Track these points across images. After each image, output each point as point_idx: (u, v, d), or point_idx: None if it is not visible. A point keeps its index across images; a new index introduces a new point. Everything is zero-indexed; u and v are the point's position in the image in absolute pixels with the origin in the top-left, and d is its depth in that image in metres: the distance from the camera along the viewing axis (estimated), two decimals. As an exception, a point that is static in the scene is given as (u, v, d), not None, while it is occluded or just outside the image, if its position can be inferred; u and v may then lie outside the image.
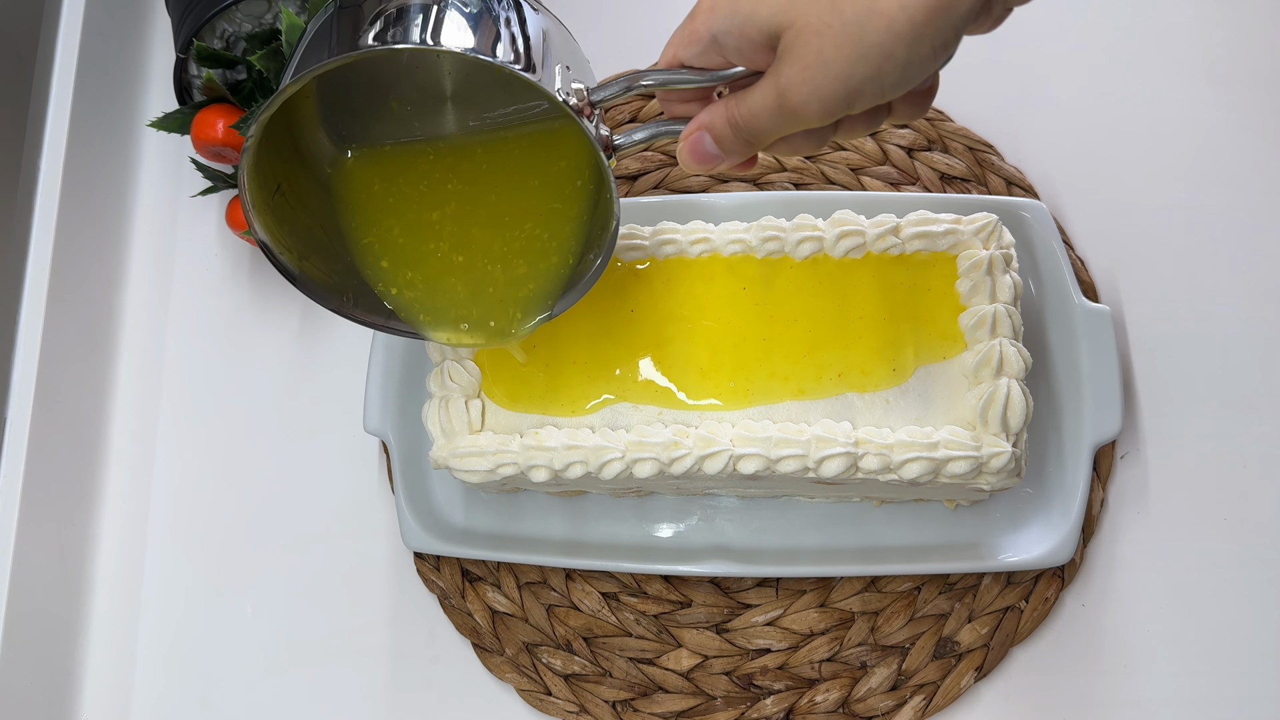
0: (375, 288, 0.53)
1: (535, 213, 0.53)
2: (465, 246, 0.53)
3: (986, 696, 0.60)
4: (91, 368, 0.70)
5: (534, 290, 0.53)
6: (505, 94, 0.52)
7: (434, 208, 0.53)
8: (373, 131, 0.53)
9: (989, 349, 0.53)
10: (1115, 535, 0.61)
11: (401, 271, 0.53)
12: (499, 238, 0.53)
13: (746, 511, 0.62)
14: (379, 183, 0.53)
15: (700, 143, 0.44)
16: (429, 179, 0.53)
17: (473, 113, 0.53)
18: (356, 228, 0.53)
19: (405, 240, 0.53)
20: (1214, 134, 0.67)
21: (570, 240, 0.52)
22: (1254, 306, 0.64)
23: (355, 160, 0.53)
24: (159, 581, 0.67)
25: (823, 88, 0.38)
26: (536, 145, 0.52)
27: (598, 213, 0.51)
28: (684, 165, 0.45)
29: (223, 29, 0.68)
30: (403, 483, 0.63)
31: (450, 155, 0.53)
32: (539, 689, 0.62)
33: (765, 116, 0.41)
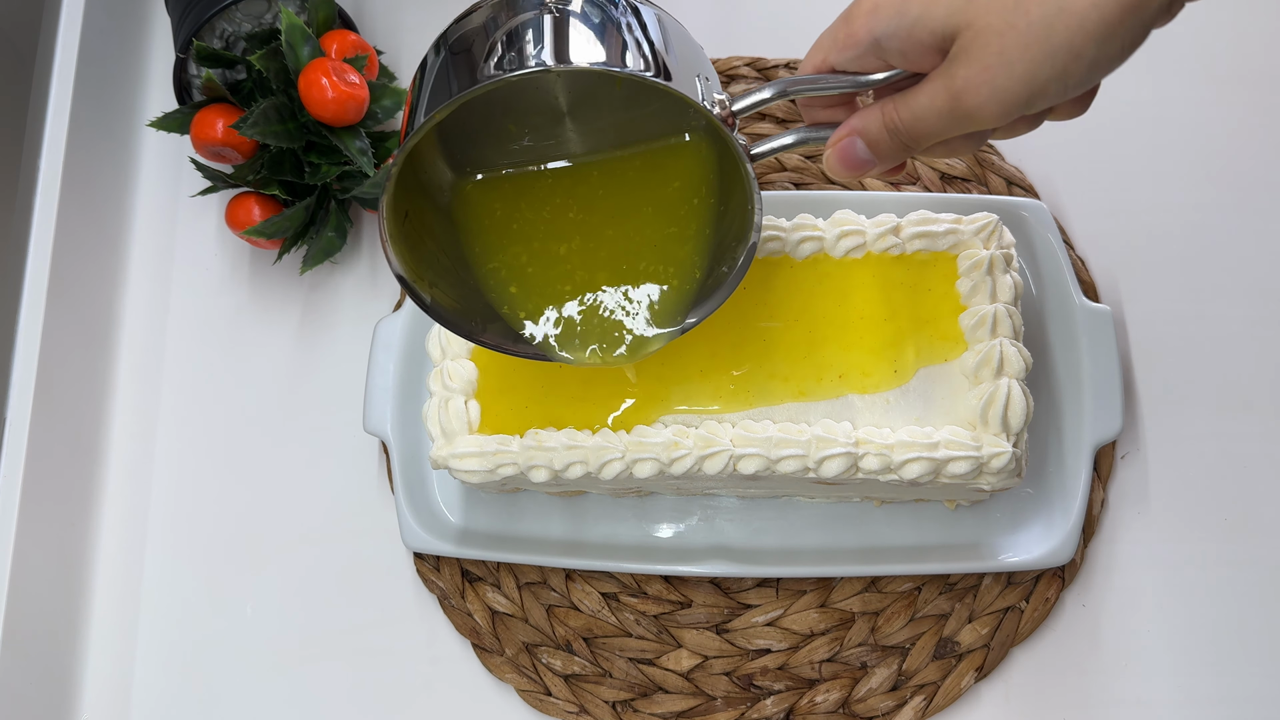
0: (500, 310, 0.52)
1: (655, 231, 0.52)
2: (588, 267, 0.52)
3: (987, 697, 0.60)
4: (91, 368, 0.70)
5: (660, 310, 0.52)
6: (626, 109, 0.51)
7: (554, 230, 0.52)
8: (489, 155, 0.52)
9: (989, 349, 0.53)
10: (1115, 535, 0.61)
11: (528, 295, 0.52)
12: (620, 259, 0.52)
13: (746, 511, 0.62)
14: (499, 207, 0.52)
15: (851, 148, 0.43)
16: (548, 202, 0.52)
17: (589, 131, 0.52)
18: (480, 253, 0.52)
19: (529, 264, 0.52)
20: (1214, 134, 0.67)
21: (693, 256, 0.51)
22: (1254, 306, 0.64)
23: (474, 186, 0.52)
24: (159, 581, 0.67)
25: (1003, 89, 0.38)
26: (652, 162, 0.51)
27: (727, 223, 0.50)
28: (831, 172, 0.44)
29: (222, 29, 0.68)
30: (403, 483, 0.63)
31: (567, 177, 0.52)
32: (539, 689, 0.62)
33: (933, 119, 0.40)
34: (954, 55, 0.39)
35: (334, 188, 0.68)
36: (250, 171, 0.66)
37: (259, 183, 0.66)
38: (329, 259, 0.70)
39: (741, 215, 0.48)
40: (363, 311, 0.70)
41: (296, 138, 0.65)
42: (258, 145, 0.66)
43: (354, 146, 0.64)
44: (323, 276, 0.72)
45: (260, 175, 0.66)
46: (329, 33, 0.68)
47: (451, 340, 0.57)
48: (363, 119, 0.66)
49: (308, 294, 0.72)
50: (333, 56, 0.66)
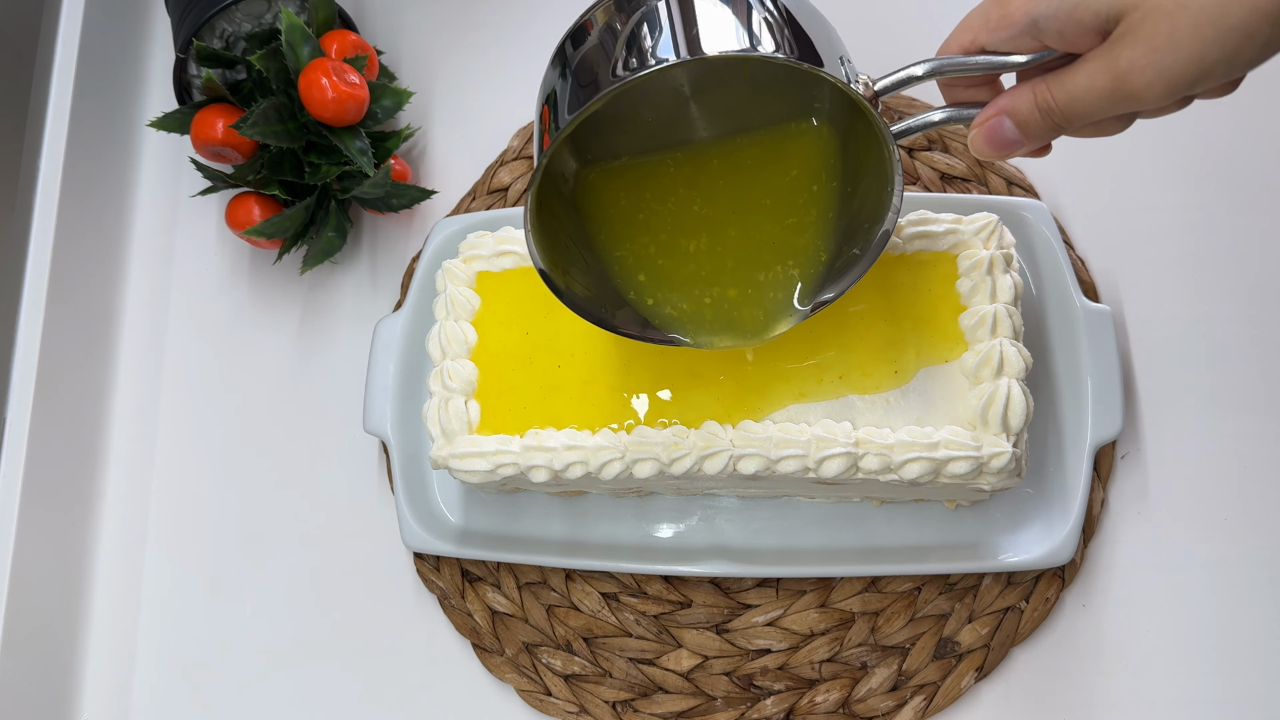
0: (627, 296, 0.52)
1: (777, 216, 0.51)
2: (713, 254, 0.52)
3: (987, 697, 0.60)
4: (91, 368, 0.70)
5: (785, 293, 0.52)
6: (750, 93, 0.50)
7: (678, 218, 0.52)
8: (612, 143, 0.51)
9: (989, 349, 0.53)
10: (1115, 535, 0.61)
11: (655, 282, 0.52)
12: (744, 245, 0.52)
13: (746, 511, 0.62)
14: (624, 196, 0.52)
15: (1000, 128, 0.43)
16: (671, 190, 0.52)
17: (712, 116, 0.51)
18: (606, 241, 0.52)
19: (655, 252, 0.52)
20: (1214, 134, 0.67)
21: (816, 241, 0.51)
22: (1254, 306, 0.64)
23: (598, 174, 0.52)
24: (159, 581, 0.67)
25: (1170, 70, 0.37)
26: (772, 147, 0.51)
27: (855, 205, 0.50)
28: (977, 151, 0.44)
29: (223, 29, 0.68)
30: (403, 483, 0.63)
31: (688, 164, 0.52)
32: (539, 689, 0.62)
33: (1091, 100, 0.40)
34: (1118, 36, 0.38)
35: (334, 188, 0.68)
36: (250, 171, 0.66)
37: (259, 183, 0.66)
38: (329, 259, 0.70)
39: (875, 196, 0.47)
40: (363, 311, 0.70)
41: (296, 138, 0.65)
42: (258, 145, 0.66)
43: (354, 146, 0.64)
44: (323, 276, 0.72)
45: (260, 175, 0.66)
46: (329, 33, 0.68)
47: (452, 340, 0.57)
48: (363, 119, 0.66)
49: (308, 294, 0.72)
50: (333, 56, 0.66)
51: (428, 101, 0.74)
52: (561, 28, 0.45)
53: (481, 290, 0.58)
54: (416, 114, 0.74)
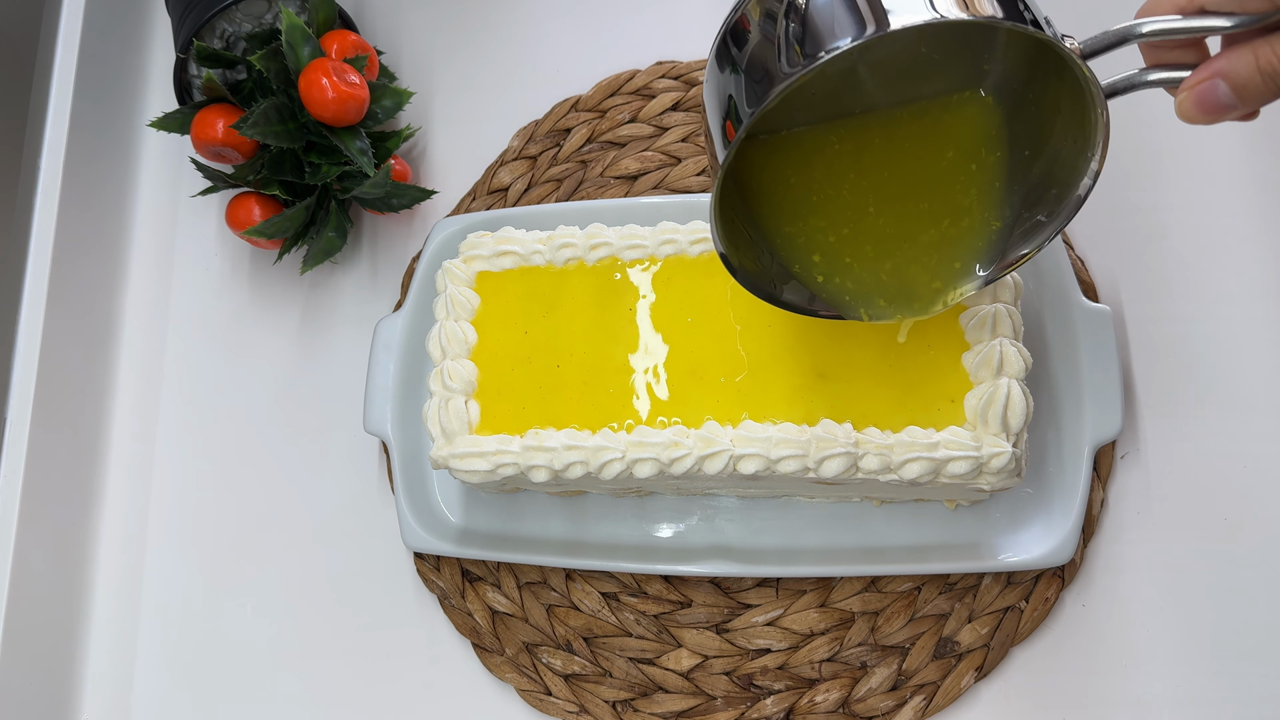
0: (792, 270, 0.52)
1: (944, 187, 0.51)
2: (881, 227, 0.51)
3: (986, 696, 0.60)
4: (91, 368, 0.70)
5: (959, 266, 0.51)
6: (924, 62, 0.49)
7: (844, 195, 0.51)
8: (776, 117, 0.50)
9: (989, 349, 0.53)
10: (1115, 535, 0.61)
11: (828, 261, 0.52)
12: (913, 219, 0.51)
13: (746, 511, 0.62)
14: (793, 174, 0.51)
15: (1213, 91, 0.41)
16: (835, 164, 0.51)
17: (878, 86, 0.50)
18: (774, 218, 0.51)
19: (821, 227, 0.51)
20: (1214, 134, 0.67)
21: (987, 211, 0.50)
22: (1254, 306, 0.64)
23: (761, 148, 0.51)
24: (159, 581, 0.67)
25: None
26: (935, 119, 0.50)
27: (1035, 173, 0.49)
28: (1186, 116, 0.42)
29: (223, 29, 0.68)
30: (403, 483, 0.63)
31: (851, 139, 0.51)
32: (539, 689, 0.62)
33: None
34: None
35: (334, 188, 0.68)
36: (250, 171, 0.66)
37: (259, 183, 0.66)
38: (329, 259, 0.70)
39: (1065, 162, 0.46)
40: (363, 311, 0.70)
41: (297, 138, 0.65)
42: (258, 145, 0.66)
43: (354, 147, 0.64)
44: (323, 276, 0.72)
45: (260, 175, 0.66)
46: (329, 33, 0.68)
47: (452, 340, 0.57)
48: (363, 119, 0.66)
49: (308, 294, 0.72)
50: (333, 57, 0.66)
51: (428, 101, 0.74)
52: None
53: (481, 290, 0.59)
54: (416, 114, 0.74)
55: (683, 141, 0.70)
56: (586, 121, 0.71)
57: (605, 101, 0.72)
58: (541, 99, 0.73)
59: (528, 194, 0.70)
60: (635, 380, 0.56)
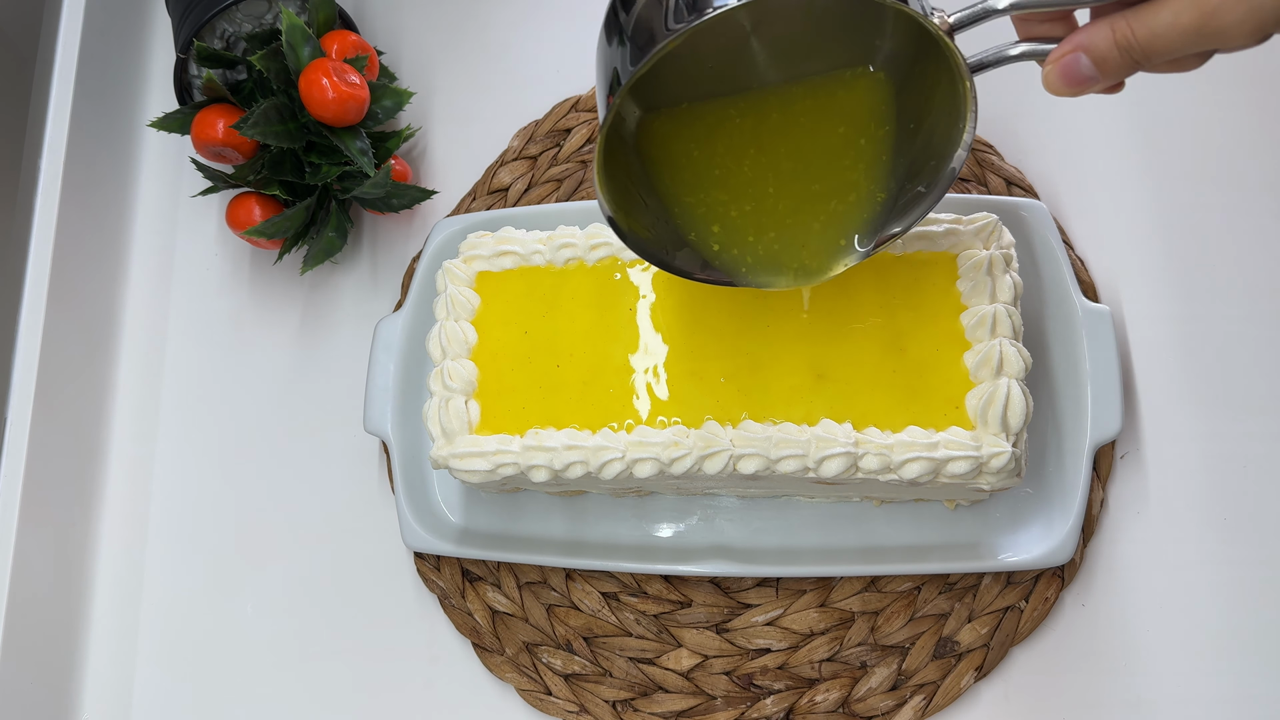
0: (688, 238, 0.52)
1: (835, 161, 0.52)
2: (777, 199, 0.52)
3: (986, 696, 0.60)
4: (91, 368, 0.70)
5: (848, 237, 0.52)
6: (813, 34, 0.50)
7: (745, 167, 0.52)
8: (676, 89, 0.51)
9: (989, 349, 0.53)
10: (1115, 535, 0.61)
11: (727, 230, 0.52)
12: (808, 192, 0.52)
13: (746, 511, 0.62)
14: (686, 143, 0.52)
15: (1075, 64, 0.42)
16: (733, 137, 0.52)
17: (771, 60, 0.51)
18: (674, 187, 0.52)
19: (719, 197, 0.52)
20: (1214, 134, 0.67)
21: (873, 183, 0.51)
22: (1254, 306, 0.64)
23: (664, 120, 0.52)
24: (159, 581, 0.67)
25: (1260, 7, 0.36)
26: (829, 95, 0.51)
27: (917, 145, 0.50)
28: (1051, 89, 0.43)
29: (223, 29, 0.68)
30: (403, 483, 0.63)
31: (751, 112, 0.52)
32: (539, 689, 0.62)
33: (1174, 37, 0.39)
34: None
35: (334, 188, 0.68)
36: (251, 172, 0.66)
37: (259, 183, 0.66)
38: (329, 259, 0.70)
39: (942, 134, 0.47)
40: (363, 311, 0.70)
41: (297, 138, 0.65)
42: (258, 145, 0.66)
43: (354, 147, 0.64)
44: (323, 276, 0.72)
45: (261, 175, 0.66)
46: (329, 33, 0.68)
47: (452, 340, 0.57)
48: (363, 119, 0.66)
49: (308, 294, 0.72)
50: (333, 57, 0.66)
51: (428, 101, 0.74)
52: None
53: (481, 290, 0.59)
54: (416, 114, 0.74)
55: (683, 141, 0.70)
56: (586, 121, 0.71)
57: (605, 101, 0.72)
58: (541, 99, 0.73)
59: (528, 194, 0.70)
60: (635, 380, 0.56)
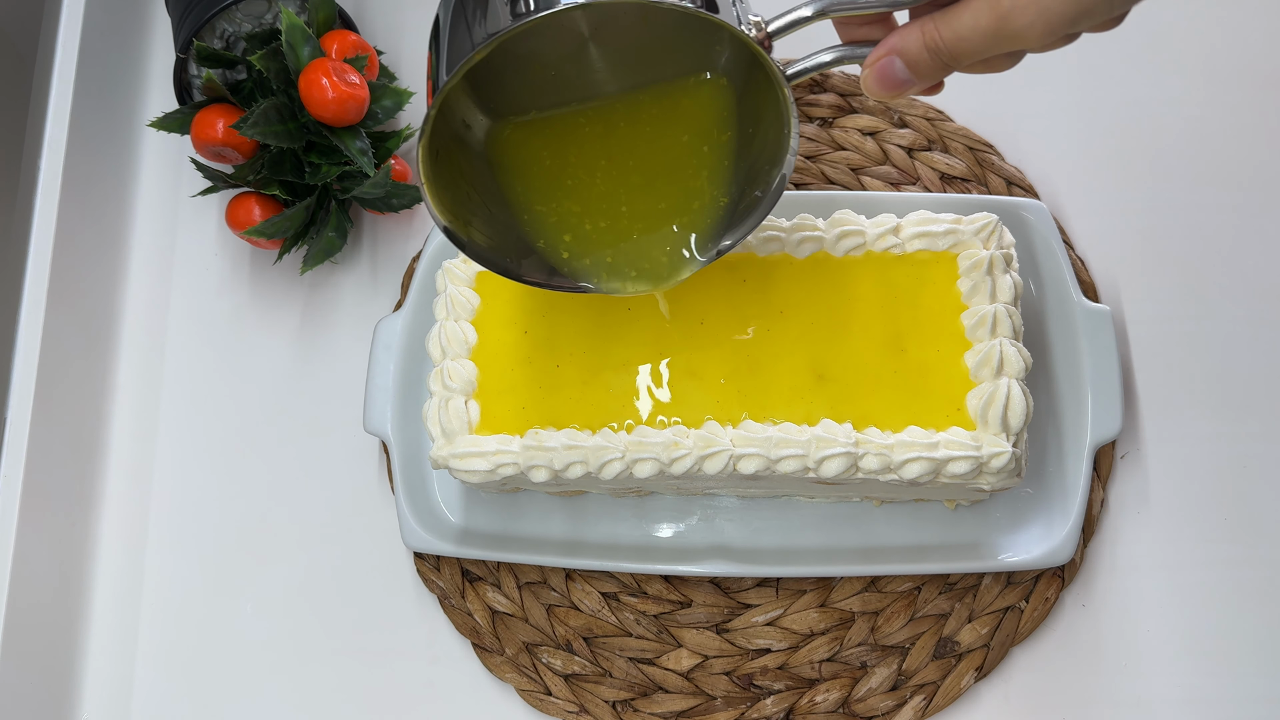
0: (536, 245, 0.53)
1: (681, 167, 0.52)
2: (622, 204, 0.53)
3: (986, 696, 0.60)
4: (91, 368, 0.70)
5: (695, 242, 0.52)
6: (650, 43, 0.50)
7: (588, 173, 0.52)
8: (518, 96, 0.52)
9: (989, 349, 0.53)
10: (1115, 535, 0.61)
11: (579, 239, 0.53)
12: (650, 196, 0.52)
13: (746, 511, 0.62)
14: (534, 151, 0.52)
15: (890, 68, 0.42)
16: (579, 146, 0.52)
17: (614, 68, 0.51)
18: (520, 193, 0.52)
19: (567, 204, 0.53)
20: (1214, 134, 0.67)
21: (717, 189, 0.52)
22: (1254, 306, 0.64)
23: (508, 129, 0.52)
24: (159, 581, 0.67)
25: (1051, 10, 0.38)
26: (674, 101, 0.51)
27: (754, 150, 0.50)
28: (870, 92, 0.44)
29: (223, 29, 0.68)
30: (403, 483, 0.63)
31: (599, 120, 0.52)
32: (539, 689, 0.62)
33: (976, 39, 0.40)
34: None
35: (334, 188, 0.68)
36: (250, 171, 0.66)
37: (259, 183, 0.66)
38: (329, 259, 0.70)
39: (774, 140, 0.48)
40: (363, 311, 0.70)
41: (297, 138, 0.65)
42: (258, 145, 0.66)
43: (354, 146, 0.64)
44: (323, 276, 0.72)
45: (260, 175, 0.66)
46: (329, 33, 0.68)
47: (452, 340, 0.57)
48: (363, 119, 0.66)
49: (308, 294, 0.72)
50: (333, 57, 0.66)
51: (428, 101, 0.74)
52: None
53: (481, 290, 0.59)
54: (417, 114, 0.74)
55: (683, 141, 0.70)
56: (586, 121, 0.71)
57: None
58: (541, 99, 0.73)
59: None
60: (635, 380, 0.56)
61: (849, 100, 0.70)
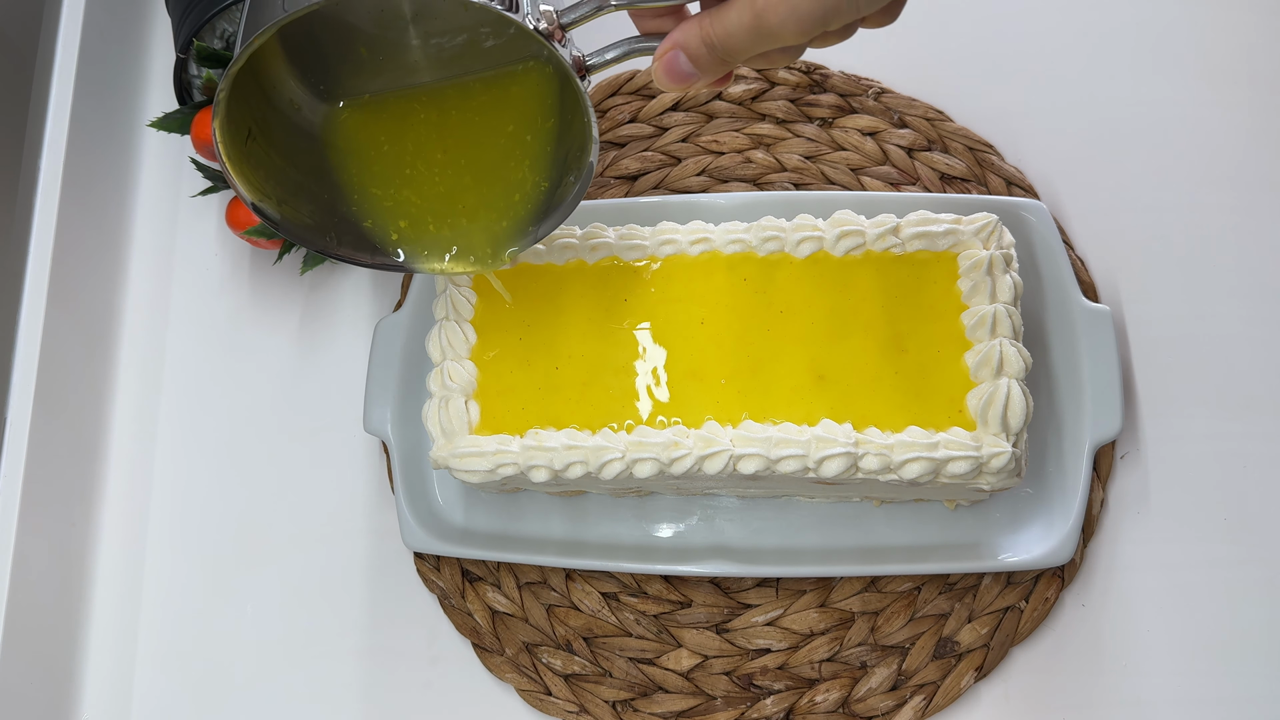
0: (363, 225, 0.54)
1: (506, 151, 0.53)
2: (455, 191, 0.54)
3: (986, 696, 0.60)
4: (91, 368, 0.70)
5: (511, 222, 0.54)
6: (471, 30, 0.52)
7: (417, 156, 0.53)
8: (350, 81, 0.53)
9: (989, 349, 0.53)
10: (1115, 535, 0.61)
11: (413, 223, 0.54)
12: (477, 179, 0.54)
13: (746, 511, 0.62)
14: (367, 133, 0.53)
15: (675, 61, 0.44)
16: (411, 129, 0.53)
17: (440, 53, 0.52)
18: (360, 178, 0.54)
19: (397, 185, 0.54)
20: (1214, 134, 0.67)
21: (538, 173, 0.53)
22: (1254, 306, 0.64)
23: (345, 111, 0.53)
24: (159, 581, 0.67)
25: (800, 8, 0.39)
26: (501, 86, 0.52)
27: (571, 137, 0.51)
28: (660, 84, 0.45)
29: (223, 29, 0.68)
30: (403, 483, 0.63)
31: (433, 106, 0.53)
32: (539, 689, 0.62)
33: (742, 36, 0.41)
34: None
35: (334, 188, 0.68)
36: (250, 171, 0.66)
37: (259, 183, 0.66)
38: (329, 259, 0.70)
39: (582, 128, 0.49)
40: (363, 311, 0.70)
41: (296, 138, 0.65)
42: (258, 145, 0.66)
43: (354, 146, 0.64)
44: (323, 277, 0.72)
45: (260, 175, 0.66)
46: (329, 33, 0.68)
47: (452, 340, 0.57)
48: (363, 119, 0.66)
49: (308, 294, 0.72)
50: (333, 56, 0.66)
51: (428, 101, 0.74)
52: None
53: (481, 290, 0.59)
54: (416, 114, 0.74)
55: (683, 142, 0.70)
56: (586, 121, 0.72)
57: (605, 101, 0.72)
58: (541, 99, 0.73)
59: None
60: (635, 381, 0.56)
61: (849, 100, 0.70)
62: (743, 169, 0.69)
